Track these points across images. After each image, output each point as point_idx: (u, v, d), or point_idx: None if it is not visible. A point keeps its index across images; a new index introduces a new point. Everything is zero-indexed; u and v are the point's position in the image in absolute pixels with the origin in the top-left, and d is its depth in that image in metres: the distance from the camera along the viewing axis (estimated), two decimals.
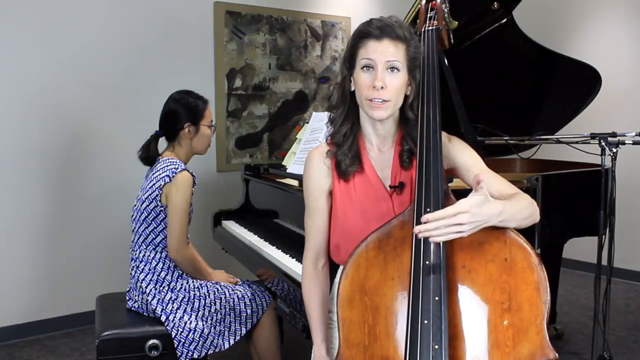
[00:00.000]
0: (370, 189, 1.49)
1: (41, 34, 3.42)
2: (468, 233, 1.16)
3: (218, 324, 2.27)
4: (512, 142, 2.74)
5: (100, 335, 2.17)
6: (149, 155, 2.40)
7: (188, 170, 2.31)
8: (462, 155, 1.47)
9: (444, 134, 1.42)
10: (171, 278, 2.31)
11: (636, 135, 2.34)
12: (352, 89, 1.48)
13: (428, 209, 1.23)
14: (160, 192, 2.28)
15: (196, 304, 2.26)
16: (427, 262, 1.20)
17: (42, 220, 3.48)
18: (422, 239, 1.21)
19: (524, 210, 1.30)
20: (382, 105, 1.39)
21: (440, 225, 1.13)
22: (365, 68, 1.40)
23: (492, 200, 1.19)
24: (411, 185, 1.45)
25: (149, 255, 2.32)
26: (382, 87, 1.38)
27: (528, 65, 3.07)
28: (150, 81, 3.76)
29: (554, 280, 3.08)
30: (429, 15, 1.52)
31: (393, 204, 1.47)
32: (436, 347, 1.15)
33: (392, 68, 1.40)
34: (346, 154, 1.48)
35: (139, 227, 2.34)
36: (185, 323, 2.22)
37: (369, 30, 1.41)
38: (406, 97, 1.45)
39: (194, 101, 2.42)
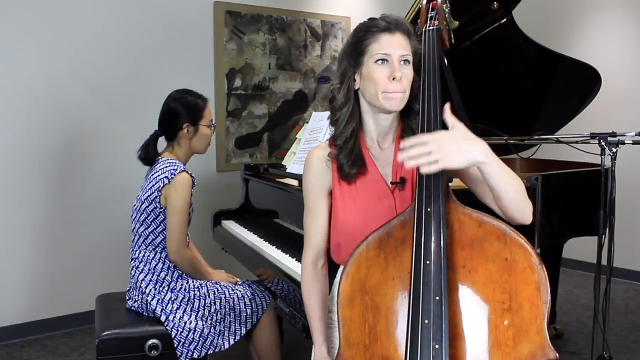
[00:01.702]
0: (372, 187, 1.49)
1: (42, 35, 3.42)
2: (457, 158, 1.18)
3: (218, 324, 2.27)
4: (512, 142, 2.75)
5: (100, 335, 2.17)
6: (148, 156, 2.39)
7: (187, 172, 2.31)
8: None
9: None
10: (171, 278, 2.31)
11: (636, 135, 2.34)
12: (357, 87, 1.48)
13: (429, 209, 1.23)
14: (160, 193, 2.27)
15: (196, 304, 2.26)
16: (428, 262, 1.19)
17: (43, 220, 3.49)
18: (422, 240, 1.21)
19: (512, 178, 1.29)
20: (399, 96, 1.41)
21: (424, 151, 1.16)
22: (380, 62, 1.42)
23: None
24: (412, 181, 1.45)
25: (148, 256, 2.32)
26: (400, 78, 1.40)
27: (528, 65, 3.08)
28: (150, 81, 3.76)
29: (554, 280, 3.07)
30: (430, 15, 1.52)
31: (395, 201, 1.47)
32: (437, 347, 1.15)
33: (406, 61, 1.43)
34: (348, 157, 1.48)
35: (139, 228, 2.33)
36: (186, 323, 2.22)
37: (380, 25, 1.43)
38: (411, 91, 1.47)
39: (193, 100, 2.41)
